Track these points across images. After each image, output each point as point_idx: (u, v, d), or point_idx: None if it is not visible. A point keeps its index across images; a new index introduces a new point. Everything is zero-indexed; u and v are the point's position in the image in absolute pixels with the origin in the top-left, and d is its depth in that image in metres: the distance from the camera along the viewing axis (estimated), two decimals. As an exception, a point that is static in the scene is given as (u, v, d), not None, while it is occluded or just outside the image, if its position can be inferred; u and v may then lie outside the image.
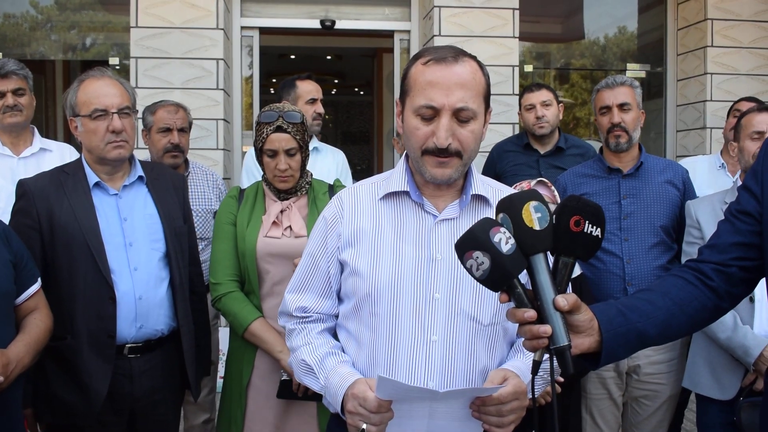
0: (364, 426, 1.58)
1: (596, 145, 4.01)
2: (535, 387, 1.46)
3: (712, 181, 3.80)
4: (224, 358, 3.57)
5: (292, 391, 2.60)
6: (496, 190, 1.85)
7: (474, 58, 1.73)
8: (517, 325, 1.40)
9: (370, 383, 1.62)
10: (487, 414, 1.61)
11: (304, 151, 2.73)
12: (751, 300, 2.70)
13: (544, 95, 4.02)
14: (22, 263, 2.23)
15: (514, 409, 1.62)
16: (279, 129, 2.65)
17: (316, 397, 2.58)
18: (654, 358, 3.05)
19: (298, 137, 2.67)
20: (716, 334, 2.73)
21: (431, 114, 1.67)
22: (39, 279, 2.31)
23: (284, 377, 2.61)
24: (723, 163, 3.90)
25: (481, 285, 1.40)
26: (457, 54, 1.69)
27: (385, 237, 1.76)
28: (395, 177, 1.81)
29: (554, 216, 1.42)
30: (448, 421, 1.64)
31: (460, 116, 1.66)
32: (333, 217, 1.83)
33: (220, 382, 3.57)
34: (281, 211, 2.72)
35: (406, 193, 1.78)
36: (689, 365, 2.94)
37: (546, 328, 1.35)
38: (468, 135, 1.68)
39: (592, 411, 3.14)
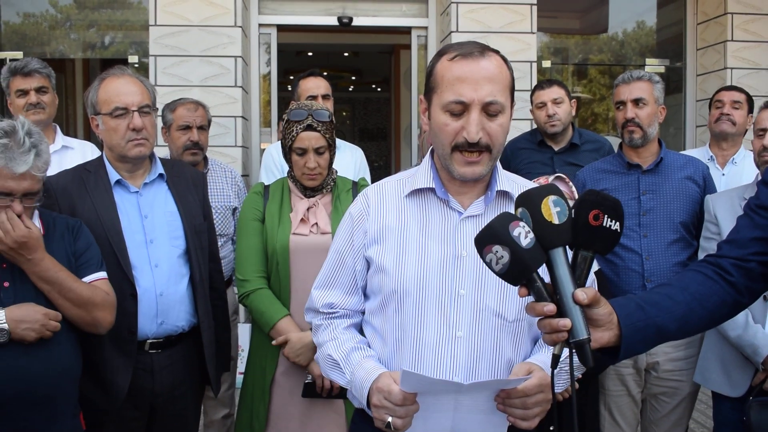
0: (390, 419, 1.59)
1: (614, 140, 3.97)
2: (560, 382, 1.45)
3: None
4: (243, 353, 3.59)
5: (316, 392, 2.61)
6: (521, 186, 1.84)
7: (498, 52, 1.73)
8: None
9: (395, 377, 1.62)
10: (513, 407, 1.60)
11: (332, 149, 2.75)
12: (765, 299, 2.68)
13: (554, 92, 3.89)
14: (79, 256, 2.26)
15: (539, 402, 1.61)
16: (309, 127, 2.67)
17: (341, 396, 2.59)
18: (673, 355, 3.03)
19: (327, 135, 2.70)
20: (727, 332, 2.71)
21: (461, 109, 1.67)
22: (103, 272, 2.32)
23: (308, 380, 2.61)
24: (712, 156, 3.88)
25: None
26: (482, 49, 1.70)
27: (411, 234, 1.77)
28: (421, 173, 1.82)
29: (573, 210, 1.41)
30: (473, 414, 1.64)
31: (489, 110, 1.67)
32: (359, 214, 1.84)
33: (239, 377, 3.59)
34: (308, 209, 2.75)
35: (432, 189, 1.79)
36: (701, 360, 2.93)
37: (565, 322, 1.35)
38: (497, 129, 1.69)
39: (611, 407, 3.13)
